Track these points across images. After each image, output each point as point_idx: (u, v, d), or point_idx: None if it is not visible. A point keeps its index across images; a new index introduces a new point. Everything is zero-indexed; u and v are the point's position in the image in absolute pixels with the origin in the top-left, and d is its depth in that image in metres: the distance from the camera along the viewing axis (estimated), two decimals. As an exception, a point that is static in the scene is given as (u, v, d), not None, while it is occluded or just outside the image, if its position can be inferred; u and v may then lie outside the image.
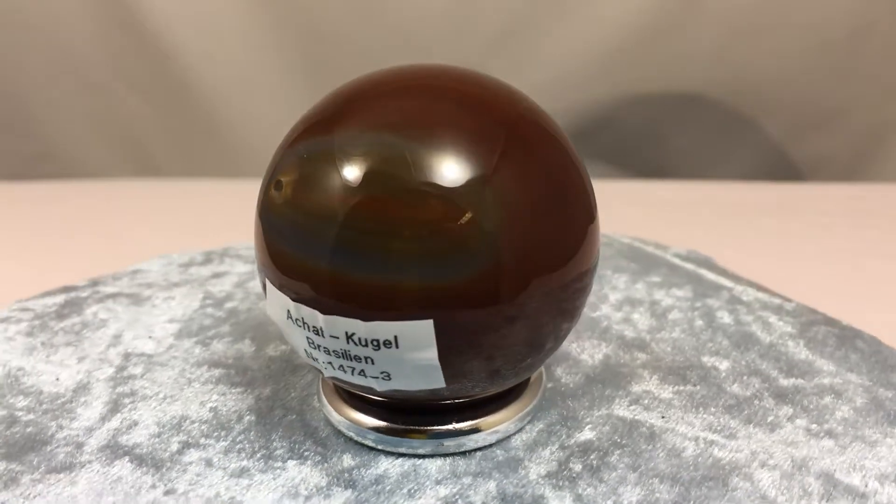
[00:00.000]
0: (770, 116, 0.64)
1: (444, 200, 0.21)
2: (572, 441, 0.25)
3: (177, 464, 0.24)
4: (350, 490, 0.23)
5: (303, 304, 0.22)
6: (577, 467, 0.23)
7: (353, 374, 0.22)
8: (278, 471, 0.24)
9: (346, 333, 0.21)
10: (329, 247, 0.21)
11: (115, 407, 0.27)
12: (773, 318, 0.32)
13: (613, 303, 0.34)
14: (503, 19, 0.62)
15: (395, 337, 0.21)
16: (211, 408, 0.27)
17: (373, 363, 0.22)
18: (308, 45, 0.62)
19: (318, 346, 0.22)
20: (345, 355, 0.22)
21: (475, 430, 0.25)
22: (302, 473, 0.24)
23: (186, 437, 0.25)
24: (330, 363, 0.22)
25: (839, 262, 0.42)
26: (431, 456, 0.24)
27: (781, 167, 0.65)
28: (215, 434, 0.26)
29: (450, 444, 0.24)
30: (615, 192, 0.54)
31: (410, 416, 0.25)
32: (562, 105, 0.62)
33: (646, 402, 0.27)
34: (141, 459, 0.24)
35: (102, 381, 0.29)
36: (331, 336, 0.21)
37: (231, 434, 0.26)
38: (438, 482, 0.23)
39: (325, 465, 0.24)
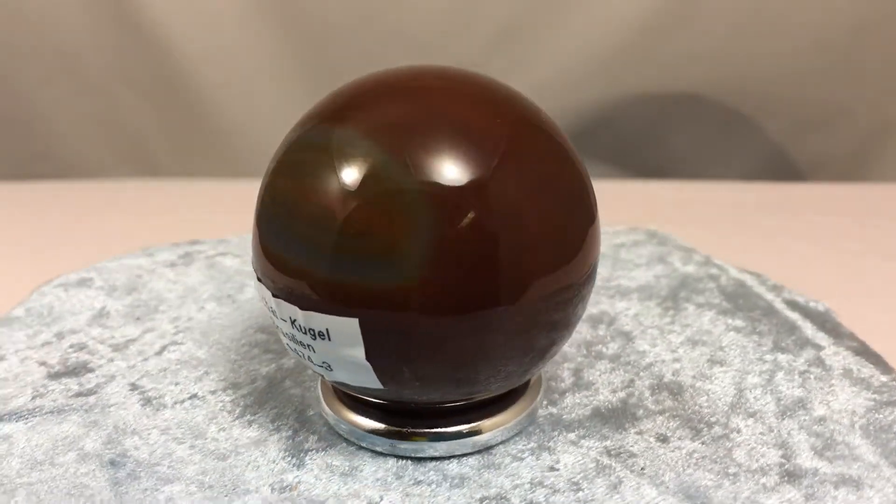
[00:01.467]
0: (770, 116, 0.63)
1: (443, 202, 0.20)
2: (529, 472, 0.24)
3: (173, 412, 0.27)
4: (296, 469, 0.24)
5: (261, 282, 0.23)
6: (515, 500, 0.22)
7: (304, 358, 0.23)
8: (248, 438, 0.25)
9: (290, 318, 0.22)
10: (327, 252, 0.21)
11: (160, 351, 0.30)
12: (846, 390, 0.27)
13: (674, 340, 0.31)
14: (503, 19, 0.61)
15: (327, 330, 0.21)
16: (233, 368, 0.29)
17: (314, 351, 0.22)
18: (308, 45, 0.62)
19: (278, 327, 0.23)
20: (293, 339, 0.23)
21: (435, 439, 0.24)
22: (264, 445, 0.25)
23: (198, 389, 0.28)
24: (288, 344, 0.23)
25: (839, 261, 0.42)
26: (385, 455, 0.25)
27: (781, 167, 0.64)
28: (222, 391, 0.28)
29: (406, 447, 0.24)
30: (615, 192, 0.55)
31: (386, 414, 0.25)
32: (562, 105, 0.62)
33: (636, 449, 0.25)
34: (147, 401, 0.27)
35: (169, 328, 0.32)
36: (281, 318, 0.22)
37: (235, 395, 0.28)
38: (377, 481, 0.23)
39: (291, 441, 0.25)
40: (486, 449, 0.25)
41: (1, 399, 0.27)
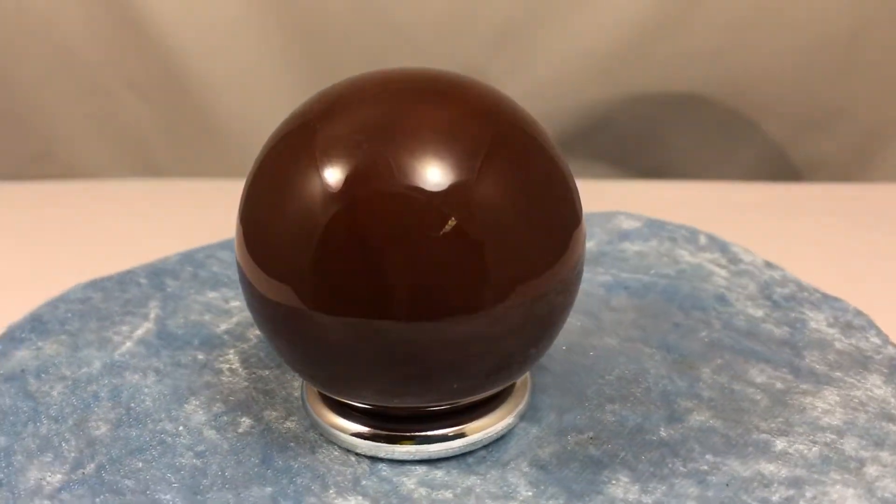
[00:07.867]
0: (770, 116, 0.63)
1: (428, 205, 0.21)
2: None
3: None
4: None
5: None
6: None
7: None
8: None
9: None
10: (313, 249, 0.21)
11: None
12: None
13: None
14: (503, 19, 0.61)
15: None
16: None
17: None
18: (308, 46, 0.62)
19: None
20: None
21: (421, 442, 0.24)
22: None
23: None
24: None
25: (839, 262, 0.42)
26: (372, 458, 0.25)
27: (781, 167, 0.64)
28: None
29: (362, 445, 0.25)
30: (615, 192, 0.55)
31: (370, 418, 0.25)
32: (561, 105, 0.62)
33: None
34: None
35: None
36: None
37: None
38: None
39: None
40: (472, 452, 0.25)
41: None
